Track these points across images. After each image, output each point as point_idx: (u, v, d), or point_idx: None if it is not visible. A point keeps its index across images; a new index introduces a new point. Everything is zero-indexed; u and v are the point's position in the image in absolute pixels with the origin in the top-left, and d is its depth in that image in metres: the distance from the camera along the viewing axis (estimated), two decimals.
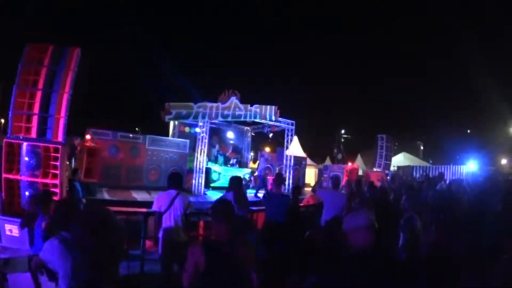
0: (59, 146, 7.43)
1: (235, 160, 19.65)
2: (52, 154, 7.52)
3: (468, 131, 45.05)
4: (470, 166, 19.86)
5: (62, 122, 7.57)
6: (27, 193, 7.38)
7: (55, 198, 7.14)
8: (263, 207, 7.24)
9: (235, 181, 6.30)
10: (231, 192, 6.05)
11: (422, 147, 49.09)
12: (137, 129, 18.35)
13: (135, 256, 7.00)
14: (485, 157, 25.09)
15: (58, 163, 7.42)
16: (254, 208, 8.53)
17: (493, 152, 33.06)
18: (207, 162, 17.15)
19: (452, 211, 4.55)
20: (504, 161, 33.54)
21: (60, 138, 7.55)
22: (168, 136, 17.86)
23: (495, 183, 9.69)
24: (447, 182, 11.79)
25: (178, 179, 5.84)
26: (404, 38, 74.17)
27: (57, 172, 7.42)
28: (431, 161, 34.67)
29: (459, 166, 20.78)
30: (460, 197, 7.40)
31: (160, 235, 5.36)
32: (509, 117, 33.75)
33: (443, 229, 3.66)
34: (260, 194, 13.70)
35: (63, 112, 7.57)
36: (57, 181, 7.38)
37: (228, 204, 3.30)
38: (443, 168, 20.76)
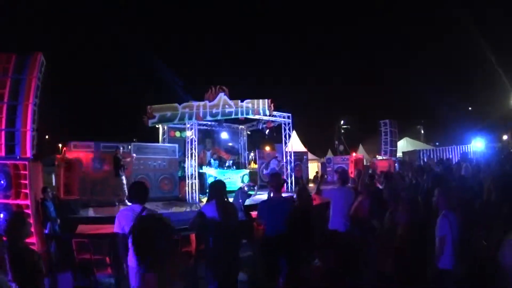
0: (26, 163, 7.13)
1: (231, 161, 19.37)
2: (21, 172, 7.25)
3: (470, 108, 45.08)
4: (476, 145, 19.64)
5: (29, 136, 7.27)
6: (1, 215, 7.11)
7: (30, 220, 6.92)
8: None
9: (216, 187, 5.31)
10: (213, 202, 5.07)
11: (422, 131, 49.12)
12: (134, 139, 18.12)
13: (107, 284, 6.67)
14: (489, 134, 25.04)
15: (27, 181, 7.13)
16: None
17: (495, 128, 33.19)
18: (201, 167, 16.88)
19: None
20: (505, 137, 33.69)
21: (28, 153, 7.25)
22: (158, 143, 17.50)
23: None
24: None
25: (141, 190, 4.90)
26: (397, 17, 74.33)
27: (27, 191, 7.12)
28: (437, 143, 34.72)
29: (465, 146, 20.47)
30: None
31: (129, 262, 4.49)
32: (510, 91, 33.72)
33: None
34: None
35: (29, 125, 7.28)
36: (27, 202, 7.08)
37: None
38: (450, 149, 20.56)
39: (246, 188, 12.34)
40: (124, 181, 12.69)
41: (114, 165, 12.87)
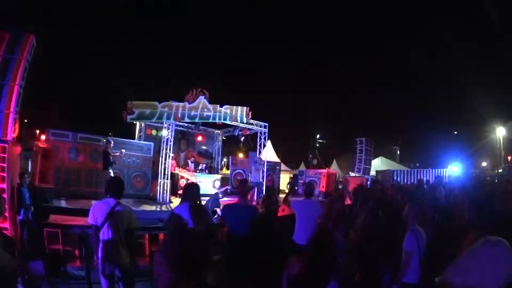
0: (6, 145, 6.97)
1: (204, 165, 19.33)
2: (0, 154, 7.08)
3: (455, 132, 46.04)
4: (453, 169, 19.98)
5: (10, 118, 7.11)
6: None
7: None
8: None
9: (190, 190, 5.46)
10: (186, 204, 5.18)
11: (398, 152, 50.00)
12: (110, 133, 17.96)
13: (77, 277, 6.60)
14: (468, 159, 25.53)
15: (5, 165, 6.97)
16: None
17: (474, 155, 34.04)
18: (175, 168, 16.79)
19: None
20: (484, 164, 34.62)
21: (8, 136, 7.09)
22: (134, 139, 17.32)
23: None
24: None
25: (117, 185, 5.07)
26: (382, 37, 75.67)
27: (4, 174, 6.96)
28: (418, 164, 35.37)
29: (441, 170, 20.87)
30: None
31: (100, 254, 4.71)
32: (494, 120, 34.69)
33: None
34: None
35: (12, 107, 7.12)
36: (4, 185, 6.91)
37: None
38: (425, 172, 20.96)
39: (220, 195, 12.34)
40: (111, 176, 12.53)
41: (103, 159, 12.80)
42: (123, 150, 13.85)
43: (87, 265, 6.71)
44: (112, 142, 13.39)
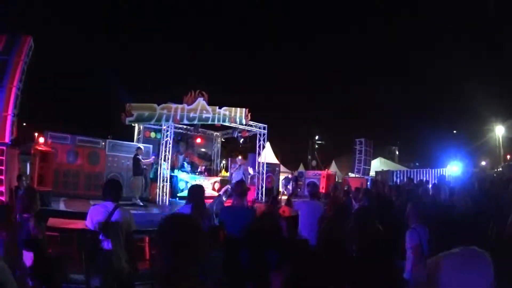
0: (4, 148, 6.94)
1: (203, 167, 19.30)
2: None
3: (454, 131, 45.96)
4: (452, 169, 19.82)
5: (9, 121, 7.10)
6: None
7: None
8: None
9: (195, 191, 5.48)
10: (190, 205, 5.19)
11: (397, 152, 49.97)
12: (109, 136, 17.88)
13: (77, 281, 6.54)
14: (468, 159, 25.35)
15: (3, 167, 6.93)
16: None
17: (474, 155, 33.99)
18: (174, 170, 16.74)
19: None
20: (483, 163, 34.58)
21: (6, 138, 7.07)
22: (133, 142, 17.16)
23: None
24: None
25: (115, 187, 4.93)
26: (381, 37, 75.54)
27: (2, 177, 6.92)
28: (417, 164, 35.36)
29: (441, 169, 20.75)
30: None
31: (99, 262, 4.58)
32: (493, 119, 34.71)
33: None
34: None
35: (10, 110, 7.10)
36: (2, 188, 6.88)
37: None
38: (425, 172, 20.86)
39: (224, 198, 12.28)
40: (141, 182, 13.23)
41: (134, 166, 13.29)
42: (153, 157, 14.33)
43: (87, 269, 6.63)
44: (143, 149, 13.81)
